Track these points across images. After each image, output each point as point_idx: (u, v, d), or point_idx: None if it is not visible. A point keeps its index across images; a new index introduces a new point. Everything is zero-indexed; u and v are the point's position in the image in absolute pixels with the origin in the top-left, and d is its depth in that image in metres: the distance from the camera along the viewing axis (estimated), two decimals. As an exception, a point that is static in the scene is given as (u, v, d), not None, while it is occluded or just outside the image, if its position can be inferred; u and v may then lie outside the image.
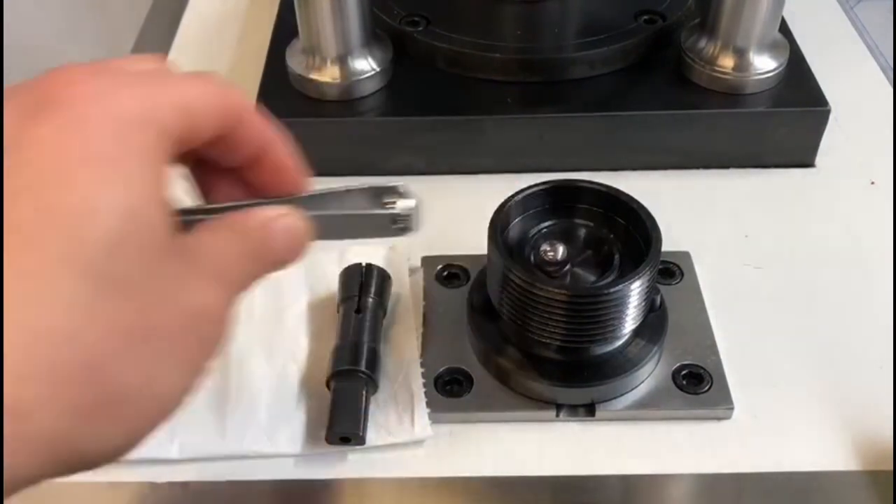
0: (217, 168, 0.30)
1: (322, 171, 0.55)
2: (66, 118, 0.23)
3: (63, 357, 0.22)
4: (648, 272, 0.38)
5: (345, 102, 0.53)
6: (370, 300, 0.43)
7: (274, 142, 0.32)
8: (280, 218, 0.31)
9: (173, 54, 0.65)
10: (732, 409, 0.41)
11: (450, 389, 0.42)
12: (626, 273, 0.38)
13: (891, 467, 0.39)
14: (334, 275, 0.45)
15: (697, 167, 0.55)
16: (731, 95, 0.53)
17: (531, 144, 0.53)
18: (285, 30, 0.57)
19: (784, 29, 0.57)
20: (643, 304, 0.39)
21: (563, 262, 0.39)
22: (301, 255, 0.32)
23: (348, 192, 0.36)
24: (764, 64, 0.53)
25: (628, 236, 0.40)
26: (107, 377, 0.23)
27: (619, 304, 0.38)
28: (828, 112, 0.53)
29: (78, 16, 1.05)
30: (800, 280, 0.48)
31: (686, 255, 0.47)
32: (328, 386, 0.41)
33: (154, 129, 0.25)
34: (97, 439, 0.24)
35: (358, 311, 0.43)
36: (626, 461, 0.40)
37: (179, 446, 0.40)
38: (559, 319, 0.38)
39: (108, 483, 0.39)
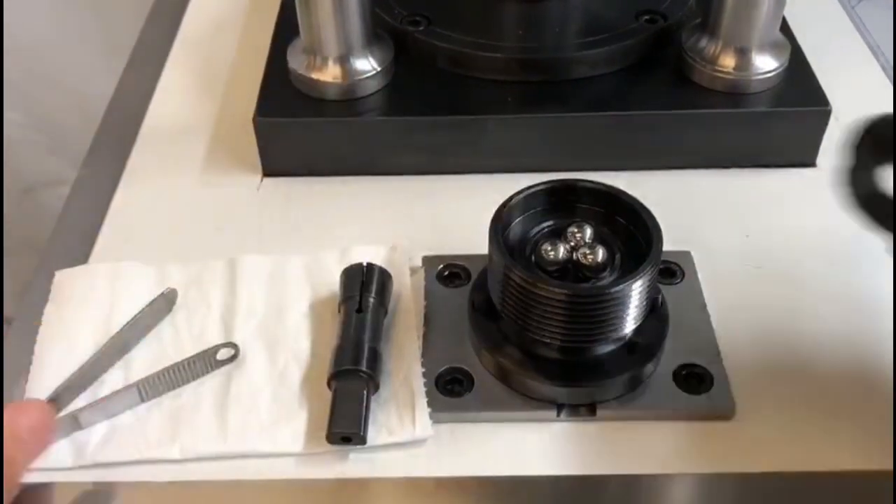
0: None
1: (323, 172, 0.55)
2: None
3: None
4: (649, 272, 0.38)
5: (346, 102, 0.53)
6: (371, 300, 0.43)
7: None
8: None
9: (175, 54, 0.65)
10: (733, 408, 0.41)
11: (451, 389, 0.42)
12: (627, 273, 0.38)
13: (891, 467, 0.39)
14: (336, 274, 0.45)
15: (698, 167, 0.55)
16: (732, 95, 0.53)
17: (532, 144, 0.53)
18: (286, 29, 0.57)
19: (785, 28, 0.57)
20: (644, 303, 0.39)
21: (602, 266, 0.39)
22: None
23: None
24: (765, 64, 0.53)
25: (629, 236, 0.40)
26: None
27: (620, 304, 0.38)
28: (829, 112, 0.53)
29: (79, 16, 1.04)
30: (800, 280, 0.48)
31: (687, 255, 0.47)
32: (329, 385, 0.41)
33: None
34: None
35: (359, 310, 0.43)
36: (627, 461, 0.40)
37: (181, 447, 0.40)
38: (560, 319, 0.38)
39: (110, 483, 0.39)
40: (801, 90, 0.54)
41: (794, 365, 0.43)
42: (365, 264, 0.44)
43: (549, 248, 0.39)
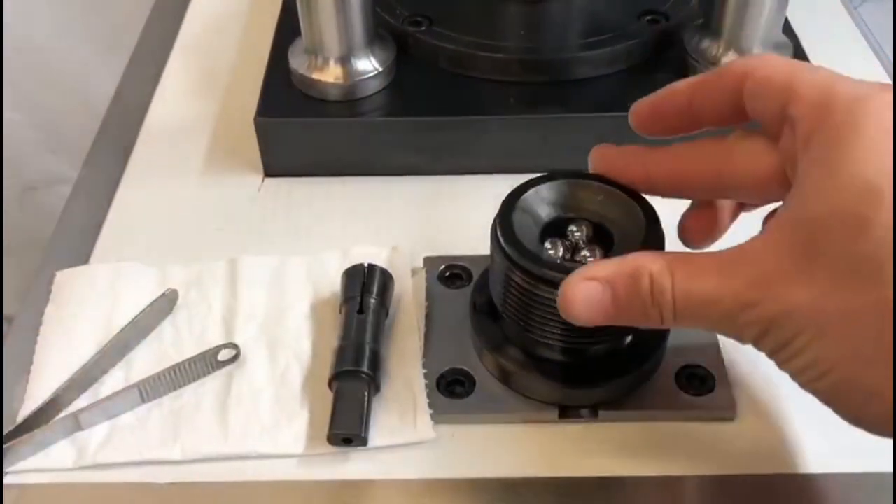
0: None
1: (324, 172, 0.55)
2: None
3: None
4: None
5: (347, 102, 0.53)
6: (372, 301, 0.43)
7: None
8: None
9: (176, 54, 0.65)
10: (735, 410, 0.41)
11: (452, 390, 0.42)
12: None
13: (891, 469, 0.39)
14: (337, 275, 0.45)
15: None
16: (734, 96, 0.53)
17: (534, 145, 0.53)
18: (288, 29, 0.57)
19: (788, 29, 0.56)
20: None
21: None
22: None
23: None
24: (767, 65, 0.53)
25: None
26: None
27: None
28: (831, 113, 0.53)
29: (79, 15, 1.05)
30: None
31: (689, 256, 0.47)
32: (330, 386, 0.40)
33: None
34: None
35: (360, 311, 0.43)
36: (629, 463, 0.40)
37: (182, 448, 0.40)
38: (562, 320, 0.38)
39: (110, 483, 0.39)
40: (803, 91, 0.54)
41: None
42: (366, 265, 0.44)
43: (549, 246, 0.39)
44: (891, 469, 0.39)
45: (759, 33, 0.52)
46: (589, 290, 0.33)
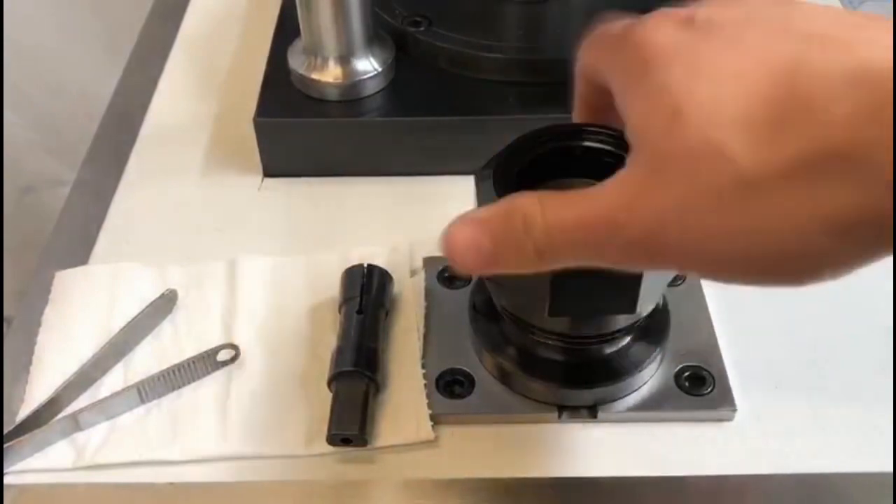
0: None
1: (324, 172, 0.55)
2: None
3: None
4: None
5: (347, 102, 0.53)
6: (372, 301, 0.43)
7: None
8: None
9: (175, 53, 0.65)
10: (735, 410, 0.41)
11: (451, 390, 0.42)
12: None
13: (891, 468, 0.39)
14: (336, 275, 0.45)
15: (700, 168, 0.55)
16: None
17: (533, 145, 0.53)
18: (287, 29, 0.57)
19: (787, 29, 0.56)
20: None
21: None
22: None
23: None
24: (767, 65, 0.53)
25: None
26: None
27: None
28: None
29: (79, 16, 1.05)
30: (802, 281, 0.47)
31: (688, 257, 0.47)
32: (330, 387, 0.40)
33: None
34: None
35: (359, 311, 0.43)
36: (629, 463, 0.40)
37: (181, 448, 0.40)
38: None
39: (109, 484, 0.39)
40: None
41: (796, 366, 0.43)
42: (366, 265, 0.44)
43: None
44: (891, 469, 0.39)
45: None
46: (469, 233, 0.32)
